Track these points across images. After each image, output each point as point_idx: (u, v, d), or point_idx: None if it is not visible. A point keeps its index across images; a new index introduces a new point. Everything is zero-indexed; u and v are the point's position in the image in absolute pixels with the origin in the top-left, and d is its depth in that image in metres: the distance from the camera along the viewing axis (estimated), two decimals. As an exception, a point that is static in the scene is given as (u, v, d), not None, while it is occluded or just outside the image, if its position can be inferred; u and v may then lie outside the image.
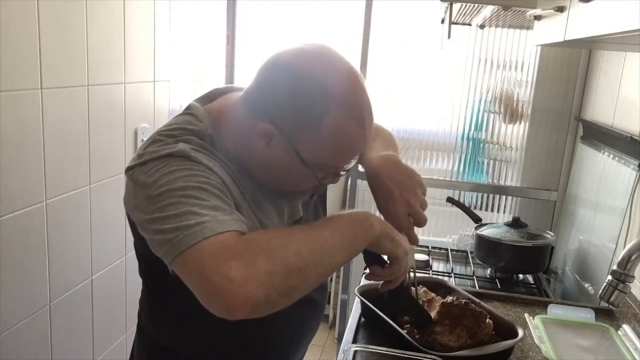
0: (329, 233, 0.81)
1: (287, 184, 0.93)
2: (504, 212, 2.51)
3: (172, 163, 0.82)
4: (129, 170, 0.86)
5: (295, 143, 0.85)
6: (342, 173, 0.93)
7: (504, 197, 2.50)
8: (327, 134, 0.84)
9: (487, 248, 1.88)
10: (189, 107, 0.95)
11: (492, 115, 2.46)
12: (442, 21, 2.12)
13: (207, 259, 0.72)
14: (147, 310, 1.06)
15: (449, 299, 1.21)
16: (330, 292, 3.12)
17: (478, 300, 1.28)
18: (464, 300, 1.20)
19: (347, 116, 0.84)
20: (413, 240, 0.99)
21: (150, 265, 0.99)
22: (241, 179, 0.90)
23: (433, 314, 1.21)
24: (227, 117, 0.92)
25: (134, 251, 1.01)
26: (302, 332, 1.09)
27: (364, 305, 1.33)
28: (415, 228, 1.00)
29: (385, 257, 0.95)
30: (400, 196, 0.97)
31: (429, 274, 1.87)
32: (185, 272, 0.75)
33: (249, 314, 0.70)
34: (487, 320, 1.18)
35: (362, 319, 1.35)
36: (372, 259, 0.93)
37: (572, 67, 2.23)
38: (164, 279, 0.98)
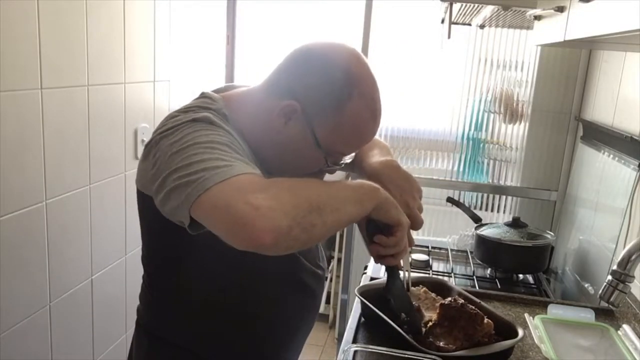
0: (342, 187, 0.86)
1: (292, 165, 0.97)
2: (504, 212, 2.51)
3: (197, 126, 0.86)
4: (149, 143, 0.90)
5: (314, 124, 0.91)
6: (341, 163, 1.00)
7: (504, 197, 2.49)
8: (347, 118, 0.91)
9: (487, 248, 1.88)
10: (202, 94, 0.99)
11: (492, 115, 2.46)
12: (442, 21, 2.12)
13: (235, 191, 0.74)
14: (147, 303, 1.07)
15: (447, 300, 1.21)
16: (330, 292, 3.12)
17: (478, 300, 1.28)
18: (460, 302, 1.19)
19: (366, 107, 0.92)
20: (409, 242, 1.01)
21: (155, 249, 1.01)
22: (251, 159, 0.94)
23: (433, 316, 1.20)
24: (241, 101, 0.98)
25: (133, 251, 1.02)
26: (296, 322, 1.10)
27: (364, 305, 1.33)
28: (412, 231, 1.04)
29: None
30: (400, 198, 1.00)
31: (429, 274, 1.87)
32: (211, 207, 0.75)
33: (272, 243, 0.72)
34: (486, 321, 1.18)
35: (362, 319, 1.35)
36: (376, 230, 0.95)
37: (572, 67, 2.23)
38: (167, 264, 1.00)
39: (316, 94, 0.91)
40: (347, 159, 1.01)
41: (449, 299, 1.22)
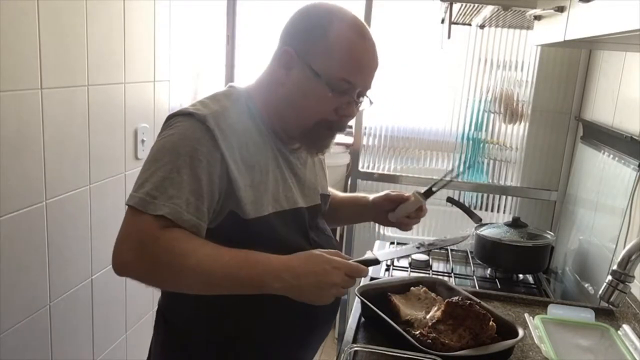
0: (224, 279, 0.93)
1: (307, 114, 1.06)
2: (504, 212, 2.51)
3: (189, 125, 0.97)
4: (169, 118, 1.04)
5: (308, 59, 1.02)
6: (357, 100, 1.07)
7: (504, 197, 2.49)
8: (333, 40, 1.01)
9: (487, 248, 1.88)
10: (229, 85, 1.14)
11: (492, 115, 2.45)
12: (442, 21, 2.12)
13: (133, 227, 0.93)
14: (167, 291, 1.12)
15: (454, 299, 1.21)
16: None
17: (478, 300, 1.28)
18: (468, 302, 1.20)
19: (349, 27, 1.03)
20: (419, 211, 1.38)
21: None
22: (261, 141, 1.05)
23: (437, 314, 1.21)
24: (258, 80, 1.12)
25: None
26: (312, 312, 1.11)
27: (364, 305, 1.33)
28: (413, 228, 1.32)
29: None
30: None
31: (429, 274, 1.87)
32: (124, 219, 0.95)
33: (124, 276, 0.94)
34: (491, 322, 1.18)
35: (362, 319, 1.35)
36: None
37: (572, 67, 2.23)
38: None
39: (302, 33, 1.04)
40: (358, 91, 1.07)
41: (456, 297, 1.22)
